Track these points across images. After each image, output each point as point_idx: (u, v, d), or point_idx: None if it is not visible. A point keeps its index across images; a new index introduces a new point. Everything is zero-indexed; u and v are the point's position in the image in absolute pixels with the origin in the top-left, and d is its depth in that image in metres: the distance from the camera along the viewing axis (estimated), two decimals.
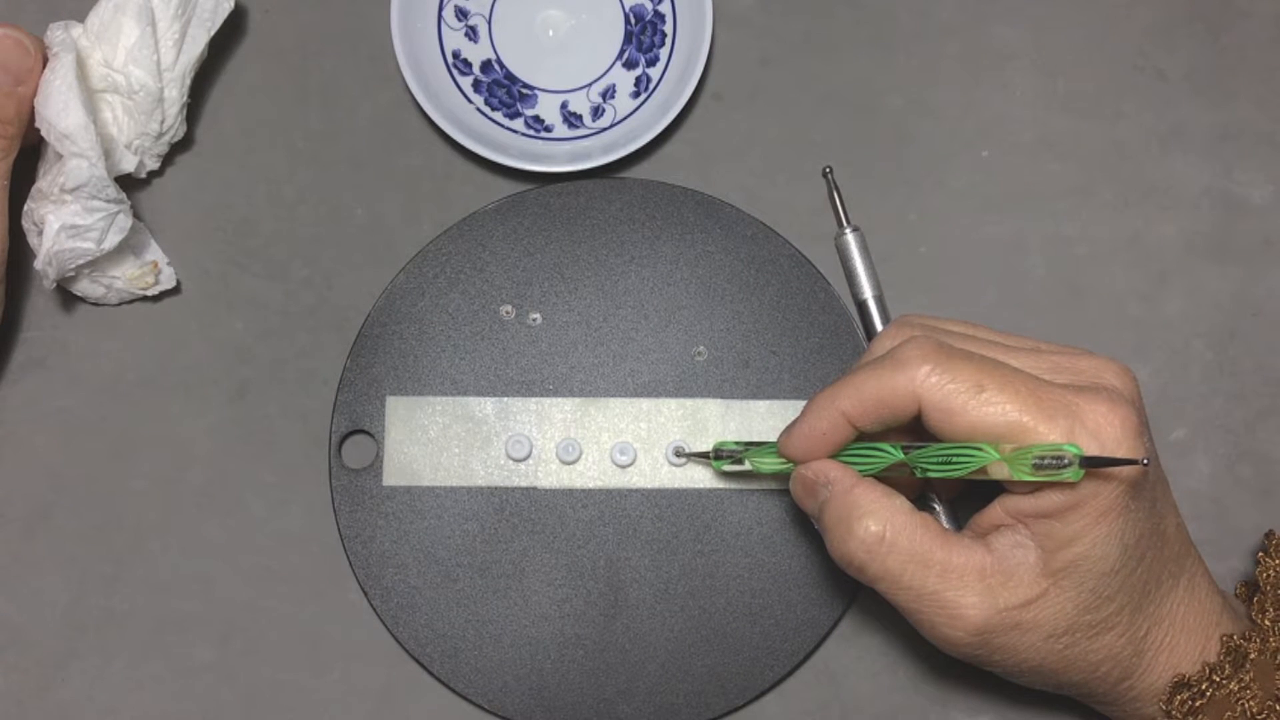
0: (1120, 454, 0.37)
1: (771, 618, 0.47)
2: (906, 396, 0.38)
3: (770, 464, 0.44)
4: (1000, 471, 0.37)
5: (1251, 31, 0.52)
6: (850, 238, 0.49)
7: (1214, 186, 0.51)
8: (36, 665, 0.47)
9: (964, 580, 0.38)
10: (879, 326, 0.49)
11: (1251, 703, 0.39)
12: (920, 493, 0.45)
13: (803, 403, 0.47)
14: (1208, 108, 0.52)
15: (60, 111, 0.45)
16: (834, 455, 0.41)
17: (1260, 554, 0.43)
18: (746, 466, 0.45)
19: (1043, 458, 0.36)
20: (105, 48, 0.47)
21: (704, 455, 0.47)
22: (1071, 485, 0.37)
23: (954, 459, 0.38)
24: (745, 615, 0.47)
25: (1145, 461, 0.36)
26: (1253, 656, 0.40)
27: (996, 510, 0.40)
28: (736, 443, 0.46)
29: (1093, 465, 0.36)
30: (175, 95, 0.48)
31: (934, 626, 0.39)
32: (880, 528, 0.39)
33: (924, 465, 0.39)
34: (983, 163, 0.51)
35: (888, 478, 0.41)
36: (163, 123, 0.48)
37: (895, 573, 0.39)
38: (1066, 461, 0.36)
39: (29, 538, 0.48)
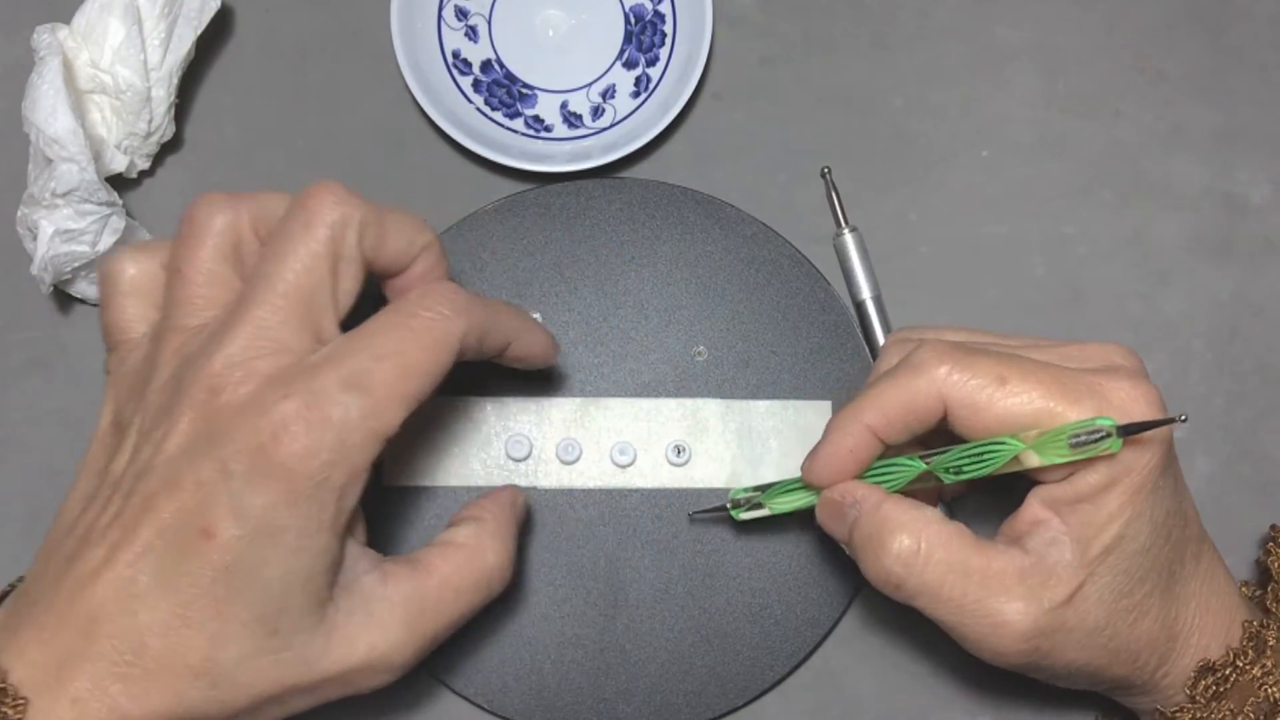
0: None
1: (771, 618, 0.47)
2: (930, 399, 0.38)
3: (790, 501, 0.43)
4: (1031, 460, 0.37)
5: (1251, 31, 0.52)
6: (849, 238, 0.49)
7: (1214, 186, 0.51)
8: None
9: (1005, 585, 0.37)
10: (877, 327, 0.49)
11: (1274, 688, 0.39)
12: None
13: (803, 403, 0.48)
14: (1208, 108, 0.52)
15: (48, 116, 0.45)
16: (857, 476, 0.40)
17: (1269, 544, 0.44)
18: (766, 511, 0.44)
19: (1078, 435, 0.36)
20: (92, 48, 0.47)
21: (719, 509, 0.46)
22: (1108, 461, 0.37)
23: (983, 456, 0.38)
24: (745, 615, 0.47)
25: (1184, 418, 0.36)
26: (1271, 643, 0.40)
27: (1032, 507, 0.39)
28: (749, 489, 0.45)
29: (1131, 432, 0.36)
30: (162, 95, 0.48)
31: (980, 639, 0.38)
32: (914, 541, 0.38)
33: (953, 468, 0.39)
34: (983, 163, 0.51)
35: (912, 491, 0.40)
36: (150, 122, 0.48)
37: (934, 585, 0.38)
38: (1104, 434, 0.36)
39: (29, 538, 0.48)
